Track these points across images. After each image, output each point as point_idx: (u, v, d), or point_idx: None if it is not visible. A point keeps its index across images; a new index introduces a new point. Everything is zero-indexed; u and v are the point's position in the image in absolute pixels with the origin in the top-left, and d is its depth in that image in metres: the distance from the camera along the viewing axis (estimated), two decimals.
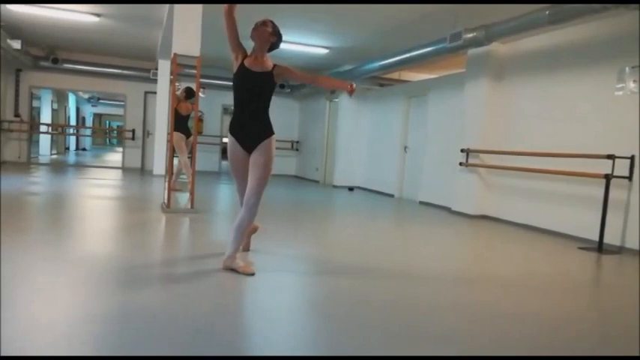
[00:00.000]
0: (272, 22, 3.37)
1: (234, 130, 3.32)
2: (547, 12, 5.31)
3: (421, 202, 8.62)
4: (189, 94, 7.39)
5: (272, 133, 3.33)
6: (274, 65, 3.36)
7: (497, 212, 6.92)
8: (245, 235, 3.37)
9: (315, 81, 3.93)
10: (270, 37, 3.32)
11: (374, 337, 2.34)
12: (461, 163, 7.26)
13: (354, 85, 3.32)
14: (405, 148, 9.58)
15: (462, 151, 7.22)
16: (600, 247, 5.06)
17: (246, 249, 3.87)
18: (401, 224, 6.76)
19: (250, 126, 3.28)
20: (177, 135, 7.27)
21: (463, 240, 5.71)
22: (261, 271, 3.32)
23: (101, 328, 2.22)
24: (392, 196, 9.69)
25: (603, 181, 5.08)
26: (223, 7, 3.31)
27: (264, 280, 3.22)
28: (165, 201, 5.87)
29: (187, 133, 7.53)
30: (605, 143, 5.27)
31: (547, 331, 2.62)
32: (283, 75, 3.37)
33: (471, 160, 7.17)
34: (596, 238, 5.12)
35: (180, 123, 7.34)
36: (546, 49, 6.32)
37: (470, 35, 6.40)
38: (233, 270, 3.25)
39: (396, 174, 9.71)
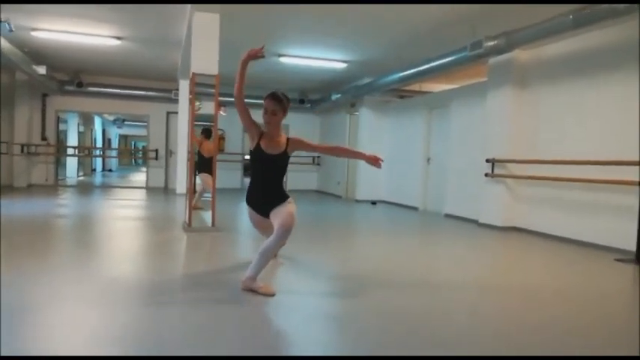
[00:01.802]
0: (279, 99, 3.30)
1: (250, 201, 3.47)
2: (570, 16, 5.16)
3: (446, 215, 8.42)
4: (208, 134, 7.47)
5: (287, 198, 3.41)
6: (288, 140, 3.41)
7: (527, 223, 6.69)
8: (269, 259, 3.30)
9: (334, 151, 3.86)
10: (280, 120, 3.34)
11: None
12: (487, 174, 7.07)
13: (379, 158, 3.45)
14: (428, 159, 9.42)
15: (488, 161, 7.03)
16: (638, 258, 4.81)
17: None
18: (426, 238, 6.59)
19: (265, 197, 3.39)
20: (205, 176, 7.38)
21: (492, 253, 5.52)
22: (282, 292, 3.23)
23: (120, 346, 2.16)
24: (416, 209, 9.51)
25: (637, 188, 4.85)
26: (242, 56, 3.25)
27: (285, 299, 3.12)
28: (187, 220, 5.85)
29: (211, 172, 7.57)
30: (637, 149, 5.04)
31: (588, 349, 2.44)
32: (298, 148, 3.45)
33: (497, 171, 6.97)
34: (634, 248, 4.87)
35: (205, 164, 7.39)
36: (571, 55, 6.13)
37: (491, 43, 6.26)
38: (252, 290, 3.17)
39: (420, 186, 9.54)
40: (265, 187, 3.40)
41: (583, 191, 5.79)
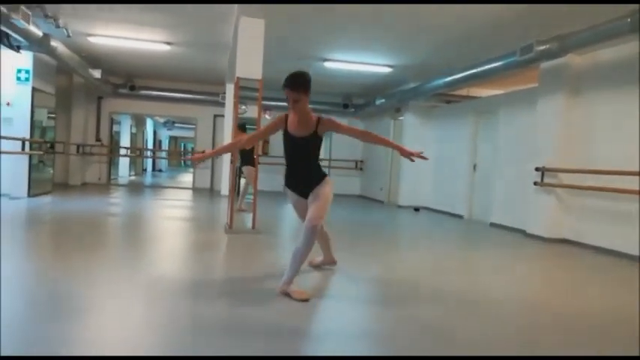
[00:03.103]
0: (295, 85, 3.19)
1: (289, 184, 3.50)
2: (628, 19, 4.88)
3: (492, 224, 8.16)
4: (243, 128, 7.60)
5: (324, 176, 3.41)
6: (318, 120, 3.30)
7: (577, 236, 6.38)
8: (302, 261, 3.30)
9: (368, 137, 3.64)
10: (305, 104, 3.25)
11: None
12: (535, 183, 6.80)
13: (418, 153, 3.32)
14: (475, 166, 9.17)
15: (537, 169, 6.76)
16: None
17: (333, 263, 4.05)
18: (470, 248, 6.41)
19: (303, 179, 3.40)
20: (248, 169, 7.47)
21: (539, 267, 5.29)
22: (320, 297, 3.21)
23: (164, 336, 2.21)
24: (461, 217, 9.27)
25: None
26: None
27: (318, 305, 3.10)
28: (228, 222, 5.94)
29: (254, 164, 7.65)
30: None
31: None
32: (329, 129, 3.36)
33: (546, 180, 6.69)
34: None
35: (246, 157, 7.51)
36: (629, 60, 5.79)
37: (542, 47, 6.02)
38: (287, 295, 3.17)
39: (465, 194, 9.30)
40: (301, 169, 3.41)
41: (637, 203, 5.46)
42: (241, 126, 7.48)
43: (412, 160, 3.43)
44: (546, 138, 6.79)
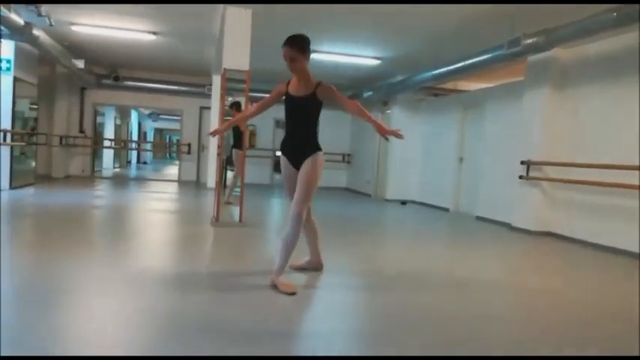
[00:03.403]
0: (293, 43, 3.30)
1: (283, 148, 3.51)
2: (614, 14, 4.91)
3: (478, 217, 8.22)
4: (238, 107, 7.42)
5: (318, 149, 3.39)
6: (318, 84, 3.35)
7: (562, 229, 6.45)
8: (292, 249, 3.28)
9: (358, 111, 3.44)
10: (302, 64, 3.31)
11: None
12: (521, 176, 6.85)
13: (394, 131, 3.29)
14: (461, 160, 9.21)
15: (523, 163, 6.81)
16: None
17: (319, 266, 3.78)
18: (456, 241, 6.44)
19: (298, 145, 3.40)
20: (239, 152, 7.27)
21: (525, 260, 5.34)
22: (308, 288, 3.19)
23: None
24: (447, 210, 9.32)
25: None
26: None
27: (306, 298, 3.09)
28: (215, 215, 5.89)
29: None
30: None
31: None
32: (327, 95, 3.36)
33: (532, 173, 6.75)
34: None
35: (238, 139, 7.37)
36: (615, 53, 5.86)
37: (529, 41, 6.04)
38: (275, 287, 3.16)
39: (452, 187, 9.35)
40: (299, 132, 3.42)
41: (624, 198, 5.53)
42: (237, 104, 7.37)
43: (386, 139, 3.46)
44: (532, 131, 6.84)
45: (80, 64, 9.58)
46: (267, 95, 3.58)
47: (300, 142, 3.39)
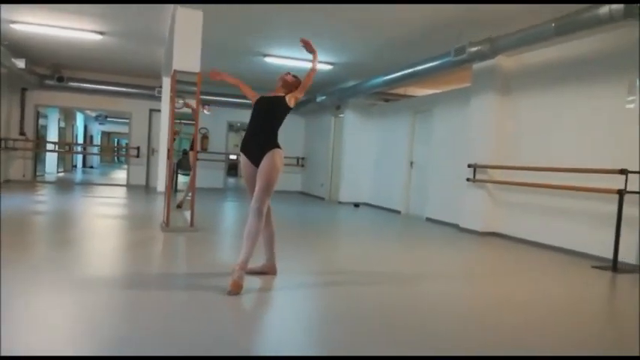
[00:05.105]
0: (288, 84, 3.81)
1: (244, 147, 3.60)
2: (553, 24, 5.19)
3: (428, 219, 8.43)
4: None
5: (277, 146, 3.50)
6: (287, 94, 3.68)
7: (507, 229, 6.72)
8: (255, 241, 3.33)
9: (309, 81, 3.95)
10: (295, 84, 3.81)
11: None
12: (468, 179, 7.09)
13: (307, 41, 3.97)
14: (411, 163, 9.43)
15: (469, 166, 7.05)
16: (615, 265, 4.84)
17: (273, 271, 3.75)
18: (406, 242, 6.57)
19: (259, 143, 3.50)
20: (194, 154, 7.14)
21: (471, 259, 5.52)
22: (257, 290, 3.17)
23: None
24: (398, 212, 9.51)
25: (616, 196, 4.89)
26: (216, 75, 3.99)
27: (255, 298, 3.07)
28: (165, 219, 5.75)
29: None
30: (616, 157, 5.09)
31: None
32: (295, 95, 3.69)
33: (478, 176, 7.00)
34: (611, 255, 4.91)
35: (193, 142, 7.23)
36: (554, 62, 6.18)
37: (474, 49, 6.27)
38: (234, 282, 3.16)
39: (402, 190, 9.55)
40: (261, 131, 3.53)
41: (562, 198, 5.83)
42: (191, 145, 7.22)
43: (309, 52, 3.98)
44: (478, 135, 7.09)
45: (21, 63, 9.12)
46: (229, 97, 3.74)
47: (261, 140, 3.49)
